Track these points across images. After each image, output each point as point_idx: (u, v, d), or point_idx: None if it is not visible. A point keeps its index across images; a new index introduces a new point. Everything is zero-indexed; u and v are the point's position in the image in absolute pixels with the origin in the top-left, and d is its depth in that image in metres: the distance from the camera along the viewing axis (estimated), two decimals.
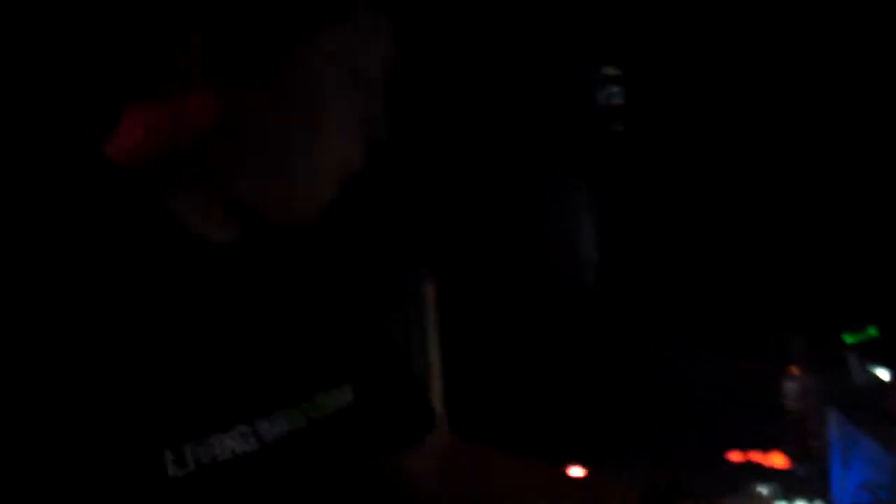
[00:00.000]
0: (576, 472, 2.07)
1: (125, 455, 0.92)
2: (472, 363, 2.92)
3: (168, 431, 0.95)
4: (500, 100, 3.15)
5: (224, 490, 0.99)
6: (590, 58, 3.26)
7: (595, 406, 2.87)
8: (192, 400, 0.98)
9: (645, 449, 2.35)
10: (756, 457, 2.09)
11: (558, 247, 3.24)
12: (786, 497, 1.76)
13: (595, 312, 3.14)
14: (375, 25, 1.13)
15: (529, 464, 1.38)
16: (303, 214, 1.12)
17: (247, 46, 1.05)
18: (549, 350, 3.03)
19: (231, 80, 1.05)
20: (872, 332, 1.93)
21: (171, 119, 1.06)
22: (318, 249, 1.27)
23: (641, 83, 3.27)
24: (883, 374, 1.76)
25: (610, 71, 3.29)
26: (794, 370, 2.17)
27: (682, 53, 3.19)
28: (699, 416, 2.55)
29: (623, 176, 3.29)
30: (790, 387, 2.18)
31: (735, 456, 2.12)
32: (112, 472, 0.91)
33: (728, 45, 3.13)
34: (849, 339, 1.93)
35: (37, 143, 1.13)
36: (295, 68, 1.06)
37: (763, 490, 1.74)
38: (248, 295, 1.12)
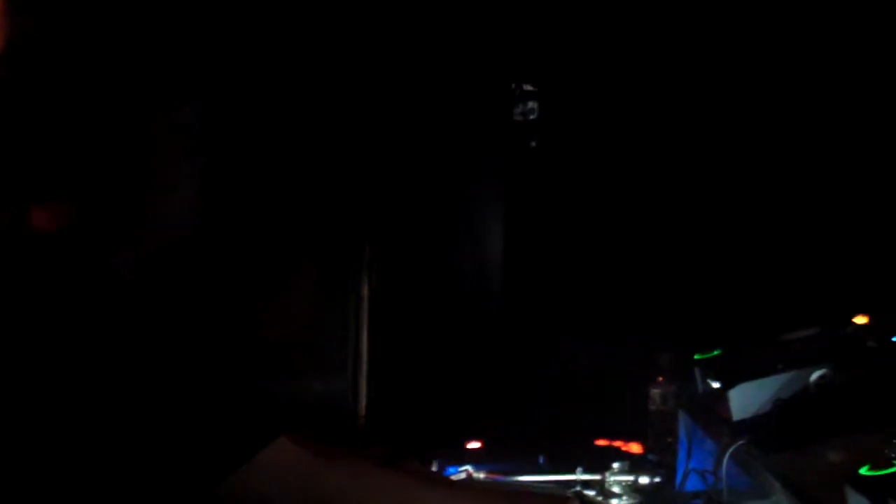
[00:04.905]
0: (473, 445, 2.52)
1: None
2: (397, 355, 3.26)
3: None
4: (426, 113, 3.36)
5: None
6: (508, 73, 3.42)
7: (496, 392, 3.26)
8: None
9: (532, 428, 2.79)
10: (618, 444, 2.55)
11: (469, 252, 3.54)
12: (633, 472, 2.21)
13: (499, 311, 3.47)
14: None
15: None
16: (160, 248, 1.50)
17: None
18: (460, 343, 3.35)
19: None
20: (717, 352, 2.39)
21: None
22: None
23: (557, 98, 3.42)
24: (716, 385, 2.21)
25: (527, 87, 3.47)
26: (660, 378, 2.63)
27: (598, 70, 3.36)
28: (581, 406, 3.01)
29: (534, 187, 3.58)
30: (655, 392, 2.64)
31: (601, 441, 2.58)
32: None
33: (645, 60, 3.32)
34: (697, 356, 2.39)
35: None
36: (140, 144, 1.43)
37: (616, 466, 2.19)
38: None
